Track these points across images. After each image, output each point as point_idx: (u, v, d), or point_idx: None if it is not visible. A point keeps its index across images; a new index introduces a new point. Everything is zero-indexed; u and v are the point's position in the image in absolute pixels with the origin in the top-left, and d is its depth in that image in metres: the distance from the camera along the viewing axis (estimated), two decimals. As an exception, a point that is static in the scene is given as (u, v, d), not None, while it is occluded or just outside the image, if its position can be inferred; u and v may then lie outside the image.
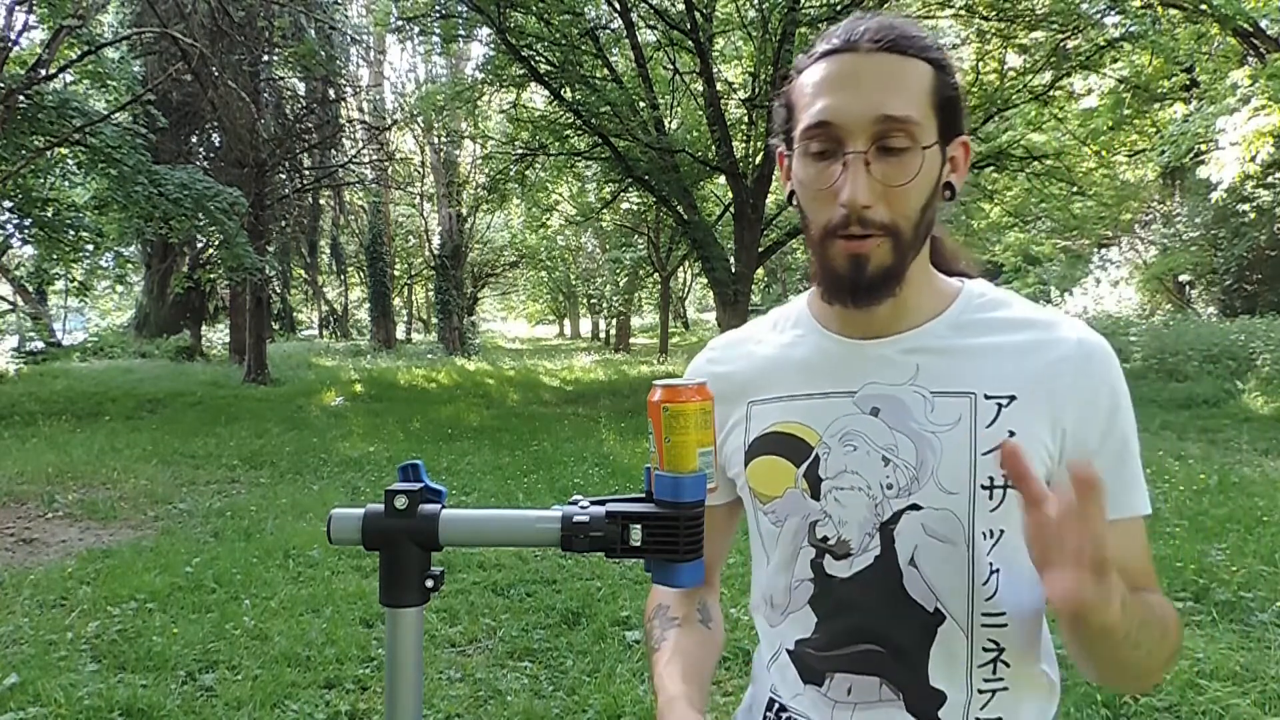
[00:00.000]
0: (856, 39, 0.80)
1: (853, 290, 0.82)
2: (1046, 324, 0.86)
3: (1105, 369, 0.84)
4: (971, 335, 0.86)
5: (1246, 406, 9.89)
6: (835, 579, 0.86)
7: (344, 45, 19.66)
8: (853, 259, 0.81)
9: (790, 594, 0.90)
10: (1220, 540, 4.54)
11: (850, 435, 0.86)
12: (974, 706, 0.84)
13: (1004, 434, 0.81)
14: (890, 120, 0.78)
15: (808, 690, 0.90)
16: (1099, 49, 11.43)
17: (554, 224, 24.40)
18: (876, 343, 0.87)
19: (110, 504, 6.23)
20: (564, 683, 3.31)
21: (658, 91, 12.91)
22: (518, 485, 6.97)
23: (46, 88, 10.69)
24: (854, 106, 0.78)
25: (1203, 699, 2.85)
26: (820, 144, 0.80)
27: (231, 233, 12.35)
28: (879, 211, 0.79)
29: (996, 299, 0.89)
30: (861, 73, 0.79)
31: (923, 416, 0.84)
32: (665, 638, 0.94)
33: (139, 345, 21.10)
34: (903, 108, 0.78)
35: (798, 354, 0.92)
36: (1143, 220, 20.23)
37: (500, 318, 47.82)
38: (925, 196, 0.81)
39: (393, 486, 0.75)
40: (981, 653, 0.84)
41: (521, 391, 15.08)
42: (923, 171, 0.79)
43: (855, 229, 0.79)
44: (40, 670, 3.29)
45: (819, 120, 0.80)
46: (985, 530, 0.82)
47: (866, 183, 0.78)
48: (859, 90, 0.79)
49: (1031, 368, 0.83)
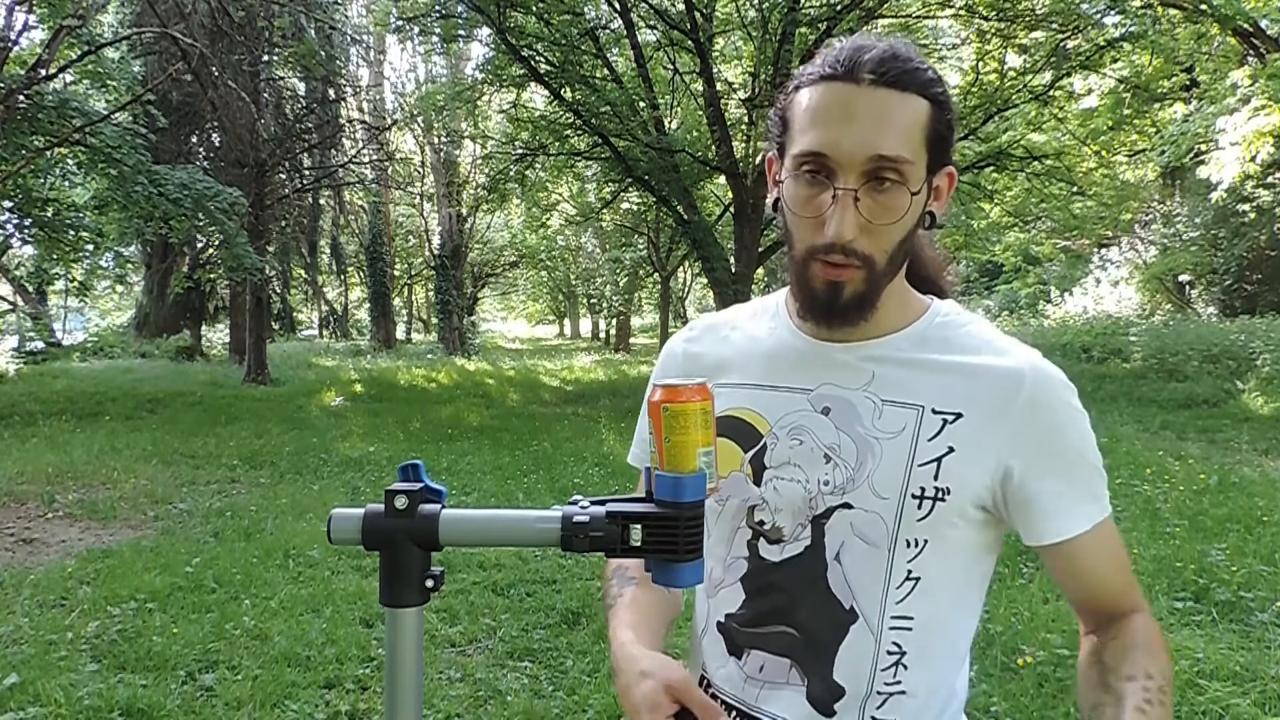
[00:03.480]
0: (859, 69, 0.81)
1: (827, 313, 0.87)
2: (1002, 349, 0.88)
3: (1052, 395, 0.86)
4: (930, 351, 0.89)
5: (1246, 406, 9.89)
6: (767, 561, 0.91)
7: (344, 45, 19.67)
8: (830, 285, 0.85)
9: (725, 569, 0.94)
10: (1220, 540, 4.54)
11: (798, 430, 0.90)
12: (870, 705, 0.87)
13: (944, 448, 0.85)
14: (883, 160, 0.80)
15: (729, 663, 0.94)
16: (1099, 49, 11.42)
17: (554, 224, 24.41)
18: (840, 346, 0.91)
19: (110, 504, 6.23)
20: (564, 683, 3.31)
21: (658, 91, 12.91)
22: (518, 485, 6.97)
23: (46, 88, 10.69)
24: (848, 142, 0.80)
25: (1203, 699, 2.85)
26: (814, 172, 0.83)
27: (231, 233, 12.35)
28: (860, 244, 0.83)
29: (959, 320, 0.92)
30: (859, 107, 0.81)
31: (870, 422, 0.87)
32: (622, 593, 0.99)
33: (139, 345, 21.09)
34: (896, 147, 0.80)
35: (765, 345, 0.97)
36: (1143, 220, 20.22)
37: (500, 318, 47.80)
38: (906, 231, 0.85)
39: (393, 486, 0.75)
40: (885, 655, 0.87)
41: (521, 391, 15.08)
42: (909, 212, 0.83)
43: (837, 257, 0.83)
44: (40, 670, 3.29)
45: (813, 150, 0.82)
46: (909, 539, 0.85)
47: (854, 219, 0.81)
48: (854, 125, 0.80)
49: (981, 389, 0.86)
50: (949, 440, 0.84)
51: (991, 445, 0.84)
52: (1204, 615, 3.63)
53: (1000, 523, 0.89)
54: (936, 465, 0.84)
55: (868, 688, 0.87)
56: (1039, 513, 0.85)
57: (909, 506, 0.85)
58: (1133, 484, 5.92)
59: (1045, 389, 0.85)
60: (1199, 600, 3.79)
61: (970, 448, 0.84)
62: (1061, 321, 19.22)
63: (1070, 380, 0.88)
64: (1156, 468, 6.38)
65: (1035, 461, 0.84)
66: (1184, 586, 3.91)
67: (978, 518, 0.87)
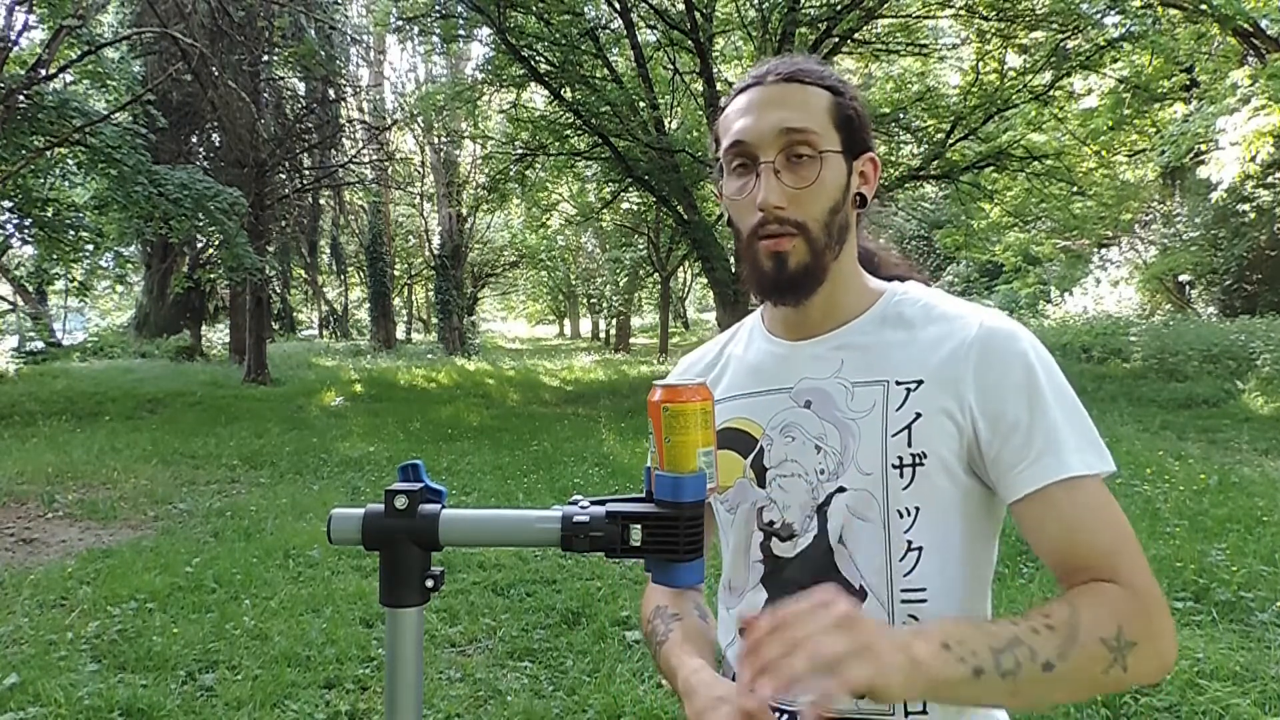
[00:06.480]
0: (763, 75, 0.94)
1: (775, 286, 0.92)
2: (956, 316, 0.92)
3: (1008, 346, 0.88)
4: (889, 328, 0.94)
5: (1246, 406, 9.89)
6: (783, 559, 0.94)
7: (344, 45, 19.68)
8: (774, 256, 0.91)
9: (747, 576, 0.98)
10: (1220, 540, 4.54)
11: (789, 427, 0.95)
12: None
13: (912, 415, 0.88)
14: (792, 131, 0.89)
15: None
16: (1099, 49, 11.42)
17: (554, 224, 24.39)
18: (811, 342, 0.97)
19: (110, 504, 6.23)
20: (564, 683, 3.31)
21: (658, 91, 12.91)
22: (518, 485, 6.97)
23: (46, 88, 10.70)
24: (761, 124, 0.91)
25: (1203, 699, 2.85)
26: (739, 160, 0.92)
27: (231, 233, 12.35)
28: (790, 212, 0.90)
29: (914, 296, 0.97)
30: (768, 98, 0.92)
31: (844, 405, 0.92)
32: (671, 629, 1.01)
33: (139, 345, 21.09)
34: (802, 121, 0.90)
35: (748, 358, 1.03)
36: (1143, 220, 20.21)
37: (500, 318, 47.79)
38: (833, 200, 0.92)
39: (393, 486, 0.76)
40: (901, 627, 0.87)
41: (521, 391, 15.08)
42: (824, 176, 0.90)
43: (772, 227, 0.90)
44: (40, 670, 3.29)
45: (735, 139, 0.92)
46: (900, 509, 0.88)
47: (777, 187, 0.89)
48: (764, 111, 0.91)
49: (939, 355, 0.89)
50: (915, 407, 0.88)
51: (954, 404, 0.86)
52: (1204, 615, 3.63)
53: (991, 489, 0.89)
54: (908, 433, 0.87)
55: None
56: (1004, 468, 0.85)
57: (893, 477, 0.88)
58: (1133, 484, 5.92)
59: (993, 341, 0.88)
60: (1199, 600, 3.78)
61: (935, 411, 0.87)
62: (1061, 321, 19.20)
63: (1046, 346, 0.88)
64: (1156, 468, 6.37)
65: (995, 416, 0.85)
66: (1184, 586, 3.91)
67: (964, 481, 0.88)
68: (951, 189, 14.48)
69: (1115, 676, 0.76)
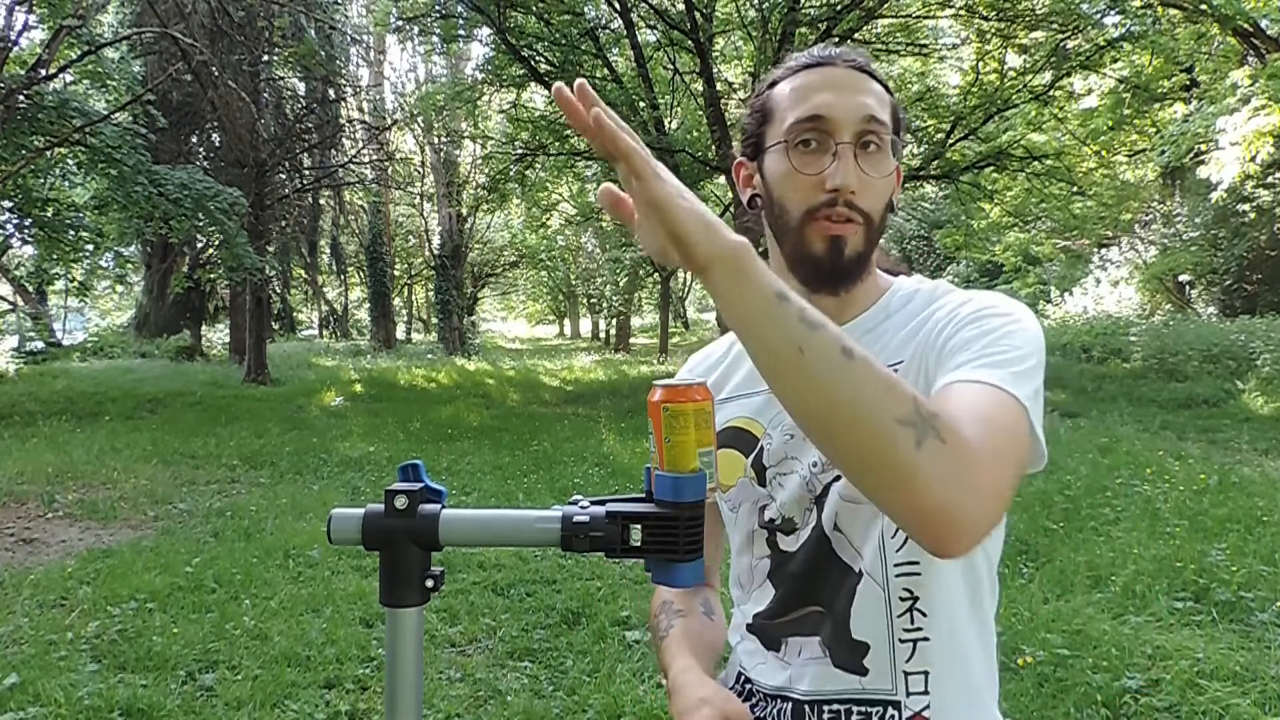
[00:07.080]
0: (831, 58, 0.92)
1: (831, 273, 0.90)
2: (945, 292, 0.94)
3: (936, 295, 0.92)
4: (889, 318, 0.95)
5: (1246, 406, 9.89)
6: (787, 553, 0.95)
7: (344, 45, 19.68)
8: (832, 241, 0.89)
9: (753, 572, 0.98)
10: (1220, 540, 4.54)
11: (789, 425, 0.93)
12: (899, 658, 0.88)
13: None
14: (874, 121, 0.88)
15: (769, 657, 0.97)
16: (1099, 49, 11.43)
17: (554, 224, 24.39)
18: None
19: (110, 504, 6.23)
20: (564, 683, 3.31)
21: (658, 91, 12.91)
22: (518, 485, 6.97)
23: (46, 88, 10.70)
24: (844, 104, 0.88)
25: (1203, 699, 2.85)
26: (811, 136, 0.89)
27: (231, 233, 12.35)
28: (861, 198, 0.88)
29: (915, 286, 0.97)
30: (845, 81, 0.90)
31: None
32: (673, 624, 1.02)
33: (139, 345, 21.10)
34: (881, 112, 0.90)
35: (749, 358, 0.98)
36: (1143, 220, 20.20)
37: (500, 318, 47.79)
38: (888, 197, 0.92)
39: (393, 486, 0.75)
40: (898, 602, 0.88)
41: (521, 391, 15.08)
42: (893, 178, 0.92)
43: (841, 210, 0.88)
44: (40, 670, 3.29)
45: (812, 114, 0.88)
46: None
47: (857, 171, 0.88)
48: (845, 92, 0.89)
49: (912, 334, 0.91)
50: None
51: (923, 379, 0.86)
52: (1204, 615, 3.63)
53: None
54: None
55: (889, 638, 0.88)
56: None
57: None
58: (1133, 484, 5.92)
59: (933, 296, 0.91)
60: (1199, 600, 3.78)
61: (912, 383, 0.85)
62: (1061, 321, 19.19)
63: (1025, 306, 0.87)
64: (1156, 468, 6.37)
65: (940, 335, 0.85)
66: (1184, 586, 3.91)
67: None
68: (951, 189, 14.49)
69: (905, 449, 0.65)
